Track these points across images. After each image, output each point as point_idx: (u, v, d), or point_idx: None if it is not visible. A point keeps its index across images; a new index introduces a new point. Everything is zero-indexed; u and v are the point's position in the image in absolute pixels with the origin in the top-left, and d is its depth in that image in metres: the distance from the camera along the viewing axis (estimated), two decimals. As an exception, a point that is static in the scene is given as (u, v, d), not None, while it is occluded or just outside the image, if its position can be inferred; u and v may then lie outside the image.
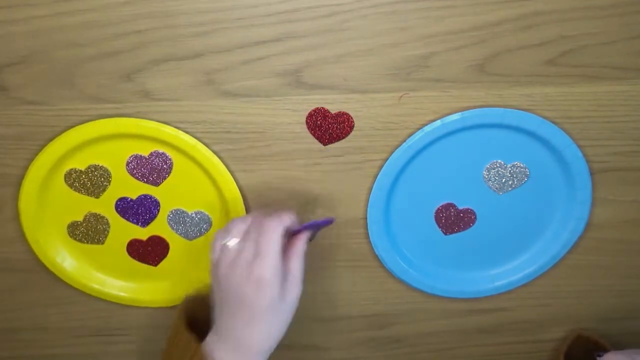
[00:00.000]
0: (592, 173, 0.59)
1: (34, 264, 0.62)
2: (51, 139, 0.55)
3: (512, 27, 0.52)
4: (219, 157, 0.57)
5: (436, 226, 0.62)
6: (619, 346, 0.69)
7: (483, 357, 0.70)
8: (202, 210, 0.60)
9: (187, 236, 0.62)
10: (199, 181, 0.59)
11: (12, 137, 0.56)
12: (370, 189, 0.59)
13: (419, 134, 0.56)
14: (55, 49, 0.51)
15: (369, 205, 0.59)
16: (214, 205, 0.60)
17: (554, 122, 0.56)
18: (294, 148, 0.57)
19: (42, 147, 0.55)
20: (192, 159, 0.57)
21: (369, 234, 0.61)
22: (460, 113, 0.55)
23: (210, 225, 0.61)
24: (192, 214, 0.61)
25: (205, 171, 0.57)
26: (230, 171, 0.57)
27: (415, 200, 0.60)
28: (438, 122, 0.55)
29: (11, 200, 0.59)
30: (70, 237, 0.61)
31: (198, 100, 0.54)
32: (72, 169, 0.58)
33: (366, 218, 0.60)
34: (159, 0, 0.50)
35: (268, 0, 0.50)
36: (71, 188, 0.58)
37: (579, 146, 0.58)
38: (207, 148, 0.56)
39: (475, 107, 0.55)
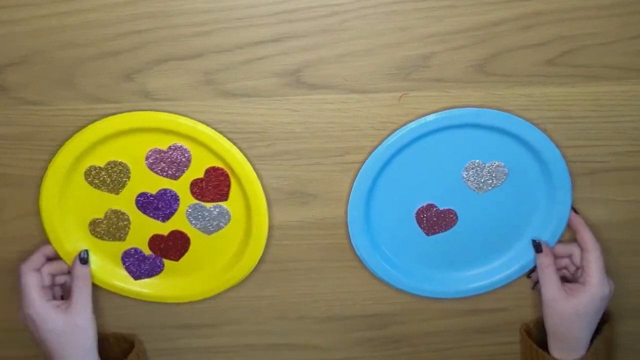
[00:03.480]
0: (592, 173, 0.59)
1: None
2: (53, 139, 0.55)
3: (512, 27, 0.52)
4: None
5: (418, 227, 0.62)
6: (618, 346, 0.69)
7: (483, 357, 0.70)
8: (221, 204, 0.60)
9: (206, 230, 0.61)
10: None
11: (13, 137, 0.56)
12: (370, 189, 0.59)
13: (393, 137, 0.56)
14: (55, 49, 0.51)
15: (348, 208, 0.59)
16: (233, 198, 0.59)
17: (554, 122, 0.56)
18: (294, 148, 0.57)
19: (45, 146, 0.55)
20: (211, 150, 0.56)
21: (350, 236, 0.61)
22: (435, 114, 0.55)
23: (230, 218, 0.61)
24: (210, 207, 0.60)
25: (225, 162, 0.57)
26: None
27: (395, 202, 0.60)
28: (413, 124, 0.55)
29: (10, 201, 0.59)
30: (92, 234, 0.61)
31: (198, 100, 0.54)
32: (91, 166, 0.57)
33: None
34: (159, 0, 0.50)
35: (268, 0, 0.50)
36: (91, 185, 0.58)
37: (579, 146, 0.58)
38: (225, 139, 0.56)
39: (475, 107, 0.55)
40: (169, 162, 0.57)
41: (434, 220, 0.61)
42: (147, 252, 0.62)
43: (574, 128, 0.57)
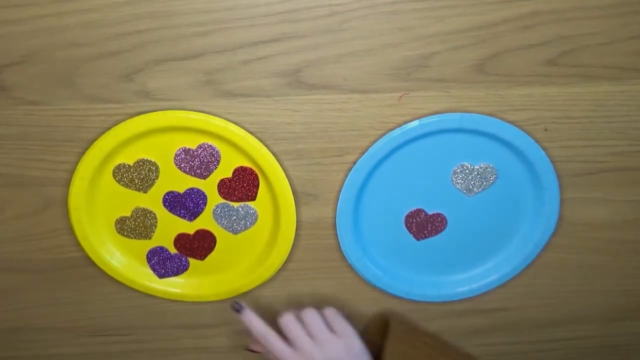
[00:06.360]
0: (592, 173, 0.59)
1: (82, 261, 0.62)
2: (52, 139, 0.55)
3: (512, 27, 0.52)
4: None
5: (407, 232, 0.62)
6: (618, 347, 0.69)
7: (483, 357, 0.70)
8: (248, 204, 0.60)
9: (233, 230, 0.61)
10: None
11: (13, 137, 0.56)
12: (370, 189, 0.59)
13: (379, 143, 0.56)
14: (55, 48, 0.51)
15: (337, 214, 0.59)
16: (260, 198, 0.60)
17: (554, 122, 0.56)
18: (294, 148, 0.57)
19: (45, 146, 0.55)
20: (241, 150, 0.56)
21: (339, 242, 0.61)
22: (418, 120, 0.55)
23: (256, 218, 0.61)
24: (237, 207, 0.60)
25: (254, 163, 0.57)
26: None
27: (384, 208, 0.60)
28: (397, 131, 0.55)
29: (10, 201, 0.59)
30: (119, 232, 0.61)
31: (198, 100, 0.54)
32: (120, 164, 0.57)
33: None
34: (159, 0, 0.50)
35: (268, 0, 0.50)
36: (119, 183, 0.58)
37: (579, 146, 0.58)
38: (256, 139, 0.56)
39: (475, 107, 0.55)
40: (198, 162, 0.57)
41: (423, 225, 0.61)
42: (172, 250, 0.62)
43: (574, 128, 0.57)
